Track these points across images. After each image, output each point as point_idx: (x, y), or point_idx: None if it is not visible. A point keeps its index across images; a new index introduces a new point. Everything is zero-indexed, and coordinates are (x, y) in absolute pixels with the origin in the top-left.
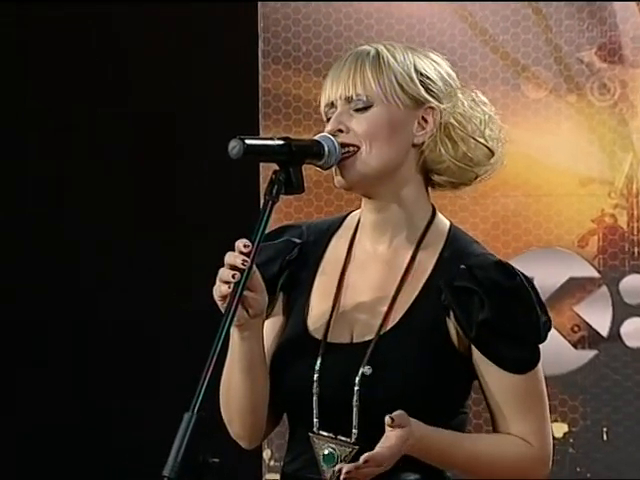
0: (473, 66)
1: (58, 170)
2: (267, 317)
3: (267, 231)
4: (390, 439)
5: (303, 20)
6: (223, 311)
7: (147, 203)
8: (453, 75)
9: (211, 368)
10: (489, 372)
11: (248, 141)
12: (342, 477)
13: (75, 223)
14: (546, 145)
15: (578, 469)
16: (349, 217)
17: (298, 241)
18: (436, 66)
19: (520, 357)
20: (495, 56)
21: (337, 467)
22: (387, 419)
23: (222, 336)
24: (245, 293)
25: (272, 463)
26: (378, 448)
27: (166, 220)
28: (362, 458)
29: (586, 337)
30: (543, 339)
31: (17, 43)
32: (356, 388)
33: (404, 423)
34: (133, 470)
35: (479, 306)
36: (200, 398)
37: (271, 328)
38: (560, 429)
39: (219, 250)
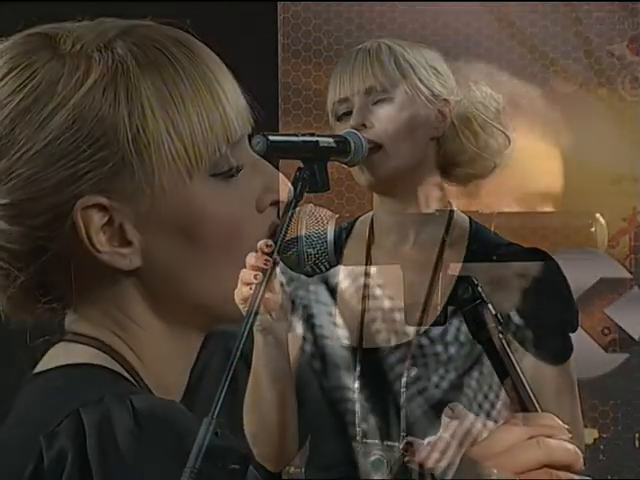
0: (500, 59)
1: None
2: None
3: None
4: (450, 429)
5: (324, 12)
6: (245, 314)
7: None
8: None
9: (231, 372)
10: (523, 362)
11: (272, 137)
12: (406, 452)
13: None
14: (575, 141)
15: (609, 476)
16: (358, 222)
17: None
18: (441, 61)
19: (556, 346)
20: (523, 49)
21: (406, 440)
22: (446, 410)
23: (244, 338)
24: (267, 295)
25: (292, 470)
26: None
27: None
28: (425, 441)
29: (617, 340)
30: (575, 328)
31: None
32: (402, 390)
33: (463, 414)
34: None
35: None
36: (219, 403)
37: (294, 343)
38: (590, 435)
39: None
